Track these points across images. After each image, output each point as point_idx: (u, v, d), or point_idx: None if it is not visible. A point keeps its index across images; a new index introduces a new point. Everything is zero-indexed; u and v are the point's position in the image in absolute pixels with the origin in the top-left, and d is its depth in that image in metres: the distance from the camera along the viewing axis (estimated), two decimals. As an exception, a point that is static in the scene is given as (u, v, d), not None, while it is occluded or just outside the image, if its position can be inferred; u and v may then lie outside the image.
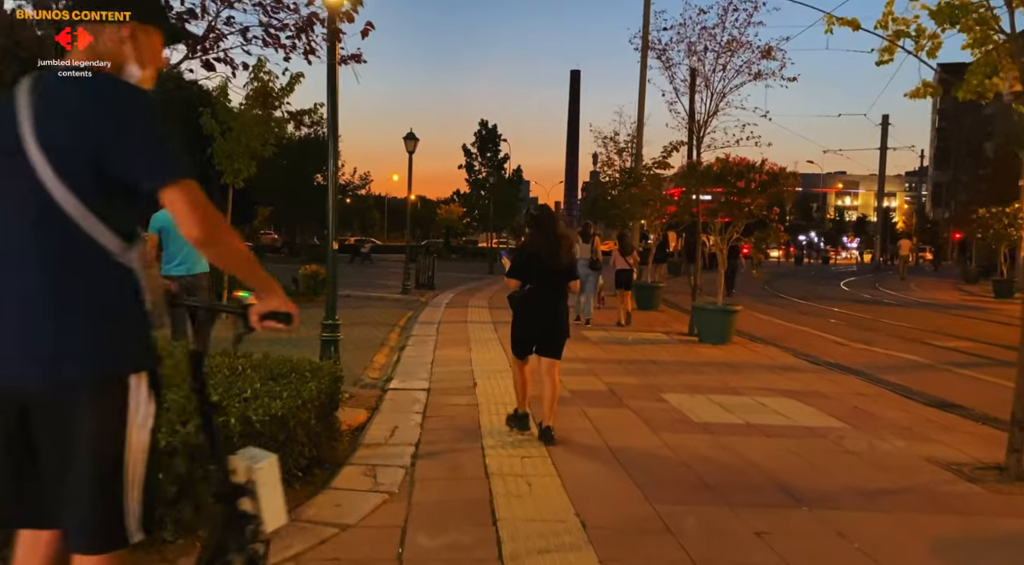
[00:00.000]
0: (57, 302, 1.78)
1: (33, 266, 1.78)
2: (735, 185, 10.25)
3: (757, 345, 11.11)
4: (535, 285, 5.49)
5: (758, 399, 7.21)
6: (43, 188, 1.76)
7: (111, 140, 1.78)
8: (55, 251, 1.79)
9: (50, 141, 1.77)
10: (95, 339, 1.80)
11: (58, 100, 1.82)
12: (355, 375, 7.96)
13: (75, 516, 1.83)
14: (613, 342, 11.01)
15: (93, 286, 1.82)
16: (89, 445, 1.80)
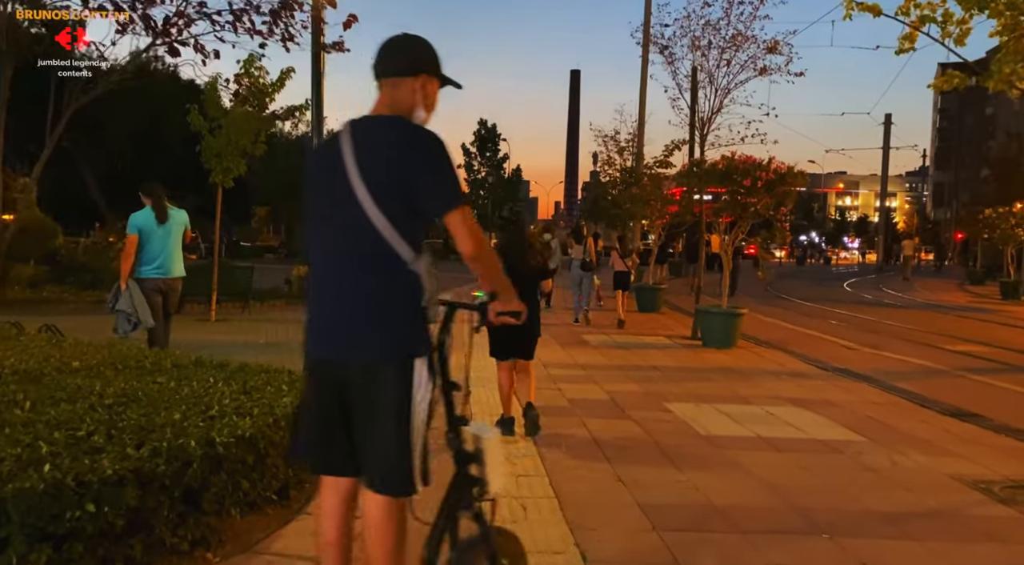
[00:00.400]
0: (369, 301, 2.27)
1: (356, 273, 2.28)
2: (741, 184, 9.88)
3: (763, 349, 10.74)
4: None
5: (767, 409, 6.84)
6: (363, 211, 2.23)
7: (415, 174, 2.26)
8: (371, 261, 2.26)
9: (369, 175, 2.24)
10: (397, 330, 2.29)
11: (373, 142, 2.29)
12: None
13: (377, 466, 2.30)
14: (613, 346, 10.65)
15: (394, 288, 2.28)
16: (389, 411, 2.27)
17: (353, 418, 2.32)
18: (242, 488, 3.53)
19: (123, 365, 4.86)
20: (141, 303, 6.60)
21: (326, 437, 2.38)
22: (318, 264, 2.38)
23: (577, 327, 12.93)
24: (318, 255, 2.38)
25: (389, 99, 2.39)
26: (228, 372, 4.82)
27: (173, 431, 3.37)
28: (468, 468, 2.54)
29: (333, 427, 2.36)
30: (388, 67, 2.41)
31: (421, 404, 2.36)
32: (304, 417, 2.48)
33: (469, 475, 2.53)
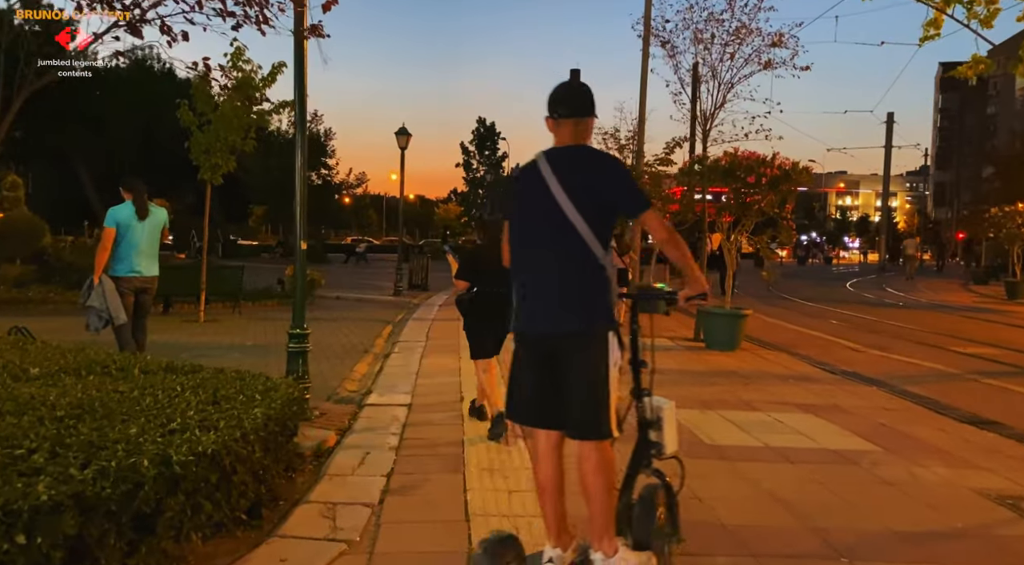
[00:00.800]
0: (580, 287, 2.84)
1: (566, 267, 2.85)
2: (744, 181, 9.55)
3: (768, 352, 10.41)
4: (483, 288, 5.57)
5: (775, 416, 6.51)
6: (569, 221, 2.81)
7: (615, 188, 2.89)
8: (577, 258, 2.83)
9: (573, 192, 2.82)
10: (598, 310, 2.84)
11: (574, 166, 2.88)
12: (331, 388, 7.27)
13: (585, 417, 2.82)
14: (614, 349, 10.32)
15: (595, 278, 2.85)
16: (592, 371, 2.81)
17: (561, 379, 2.87)
18: (204, 510, 3.20)
19: (87, 371, 4.52)
20: (114, 299, 6.27)
21: (539, 396, 2.93)
22: (531, 262, 2.98)
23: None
24: (531, 255, 2.98)
25: (572, 134, 2.98)
26: (199, 379, 4.48)
27: (126, 448, 3.04)
28: (648, 433, 3.09)
29: (544, 387, 2.91)
30: (575, 109, 3.00)
31: (612, 368, 2.87)
32: (518, 381, 3.01)
33: (649, 439, 3.08)
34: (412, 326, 12.31)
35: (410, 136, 17.71)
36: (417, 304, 16.33)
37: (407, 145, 17.73)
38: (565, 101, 2.99)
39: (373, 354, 9.53)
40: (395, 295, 17.77)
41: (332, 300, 16.97)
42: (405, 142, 17.63)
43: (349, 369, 8.37)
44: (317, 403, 6.42)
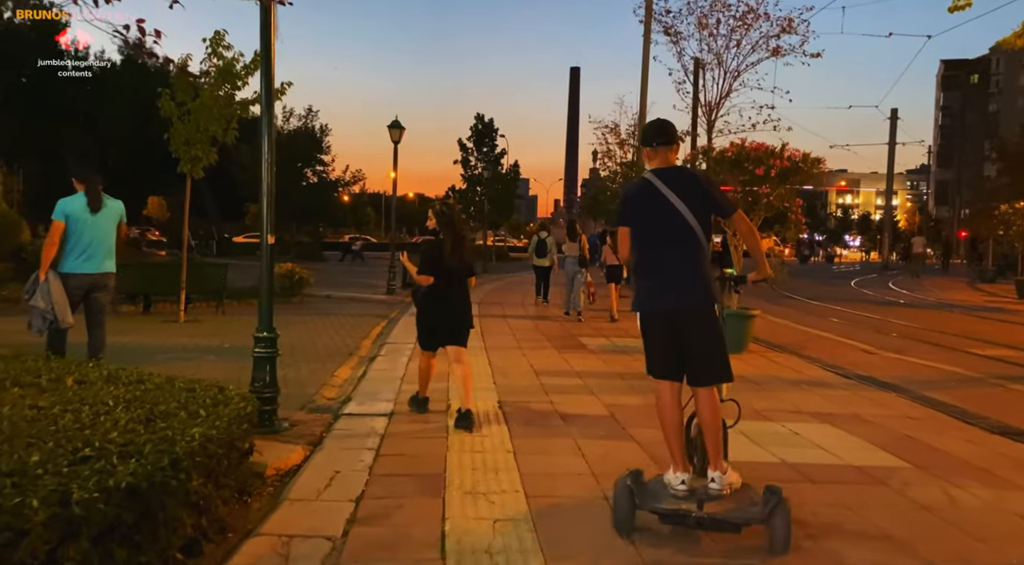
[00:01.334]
0: (696, 274, 3.69)
1: (686, 257, 3.71)
2: (752, 173, 8.99)
3: (777, 354, 9.85)
4: (440, 281, 5.69)
5: (790, 426, 5.95)
6: (688, 224, 3.68)
7: (712, 196, 3.80)
8: (693, 251, 3.70)
9: (687, 202, 3.69)
10: (711, 289, 3.72)
11: (681, 183, 3.75)
12: (307, 395, 6.71)
13: (711, 368, 3.75)
14: (613, 351, 9.76)
15: (706, 266, 3.73)
16: (714, 334, 3.75)
17: (686, 342, 3.73)
18: (117, 558, 2.64)
19: (12, 382, 3.96)
20: (60, 299, 5.70)
21: (669, 357, 3.80)
22: (659, 255, 3.76)
23: (574, 329, 12.05)
24: (658, 251, 3.76)
25: (666, 159, 3.86)
26: (140, 391, 3.92)
27: (17, 483, 2.48)
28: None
29: (672, 350, 3.78)
30: (666, 140, 3.87)
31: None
32: (656, 347, 3.85)
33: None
34: (402, 326, 11.75)
35: (403, 129, 17.14)
36: (409, 303, 15.72)
37: (400, 139, 17.17)
38: (661, 133, 3.90)
39: (358, 357, 8.98)
40: (388, 294, 17.20)
41: (322, 299, 16.42)
42: (398, 136, 17.06)
43: (330, 374, 7.82)
44: (289, 413, 5.86)
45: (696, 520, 3.49)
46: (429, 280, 5.69)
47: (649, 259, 3.79)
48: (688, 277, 3.68)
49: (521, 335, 11.15)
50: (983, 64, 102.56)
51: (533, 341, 10.60)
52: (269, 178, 5.51)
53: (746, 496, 3.63)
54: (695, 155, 10.20)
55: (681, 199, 3.68)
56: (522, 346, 9.93)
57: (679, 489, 3.64)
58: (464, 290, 5.93)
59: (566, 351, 9.56)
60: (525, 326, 12.34)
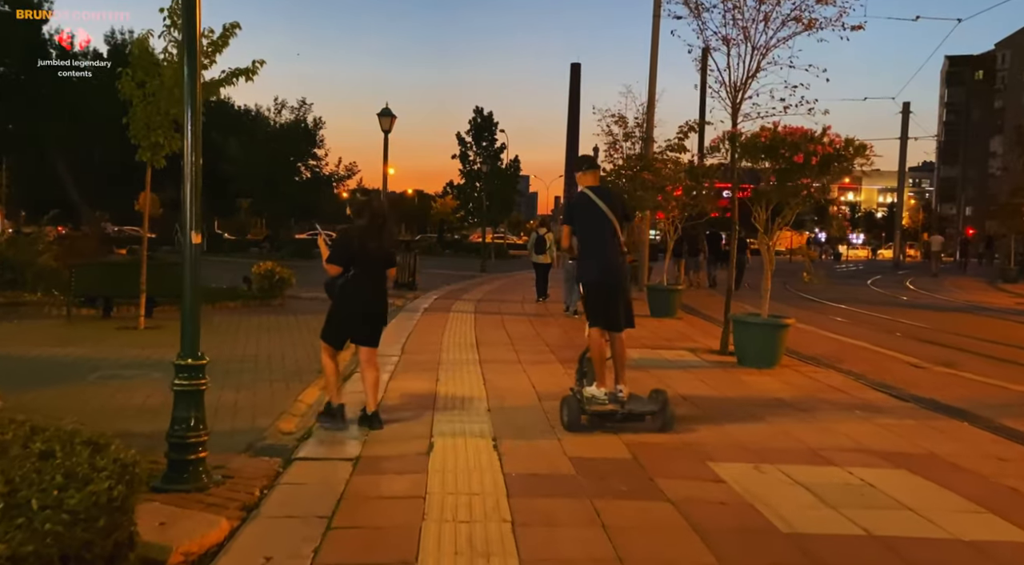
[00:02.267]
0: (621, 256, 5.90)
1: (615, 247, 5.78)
2: (790, 161, 7.75)
3: (812, 369, 8.61)
4: (358, 272, 5.38)
5: (859, 474, 4.72)
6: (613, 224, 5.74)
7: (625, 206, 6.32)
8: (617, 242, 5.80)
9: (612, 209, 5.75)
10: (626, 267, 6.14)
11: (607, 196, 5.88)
12: (259, 429, 5.48)
13: (626, 320, 5.80)
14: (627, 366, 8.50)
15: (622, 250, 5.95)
16: (627, 296, 5.85)
17: (612, 303, 5.68)
18: None
19: None
20: None
21: (602, 313, 5.70)
22: (601, 244, 5.74)
23: (577, 334, 10.80)
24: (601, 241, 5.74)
25: (595, 177, 6.10)
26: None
27: None
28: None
29: (604, 308, 5.69)
30: (591, 165, 6.22)
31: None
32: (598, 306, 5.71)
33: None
34: (386, 335, 10.48)
35: (394, 118, 15.88)
36: (399, 307, 14.50)
37: (391, 128, 15.90)
38: (587, 162, 6.35)
39: (331, 374, 7.74)
40: (377, 296, 15.96)
41: (305, 301, 15.14)
42: (389, 124, 15.80)
43: (294, 397, 6.60)
44: (227, 457, 4.64)
45: (621, 415, 5.49)
46: (335, 270, 5.39)
47: (590, 249, 5.82)
48: (616, 260, 5.79)
49: (521, 344, 9.92)
50: (988, 60, 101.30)
51: (534, 351, 9.37)
52: (194, 157, 4.26)
53: (642, 399, 5.74)
54: (718, 142, 8.91)
55: (608, 208, 5.72)
56: (522, 358, 8.70)
57: (604, 398, 5.55)
58: (381, 284, 5.58)
59: (572, 364, 8.30)
60: (525, 332, 11.10)
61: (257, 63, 10.42)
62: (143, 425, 5.39)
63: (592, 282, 5.75)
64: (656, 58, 17.54)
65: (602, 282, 5.71)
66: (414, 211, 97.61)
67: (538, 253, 15.36)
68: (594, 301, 5.74)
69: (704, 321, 13.12)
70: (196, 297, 4.30)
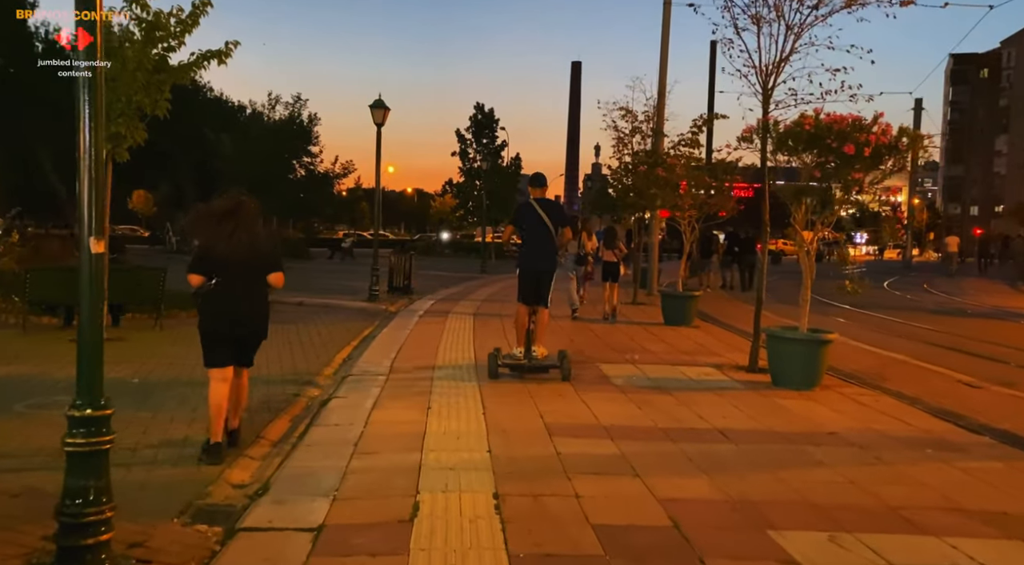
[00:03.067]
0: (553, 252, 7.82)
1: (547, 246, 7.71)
2: (839, 152, 6.70)
3: (857, 390, 7.55)
4: (222, 281, 4.88)
5: (964, 547, 3.68)
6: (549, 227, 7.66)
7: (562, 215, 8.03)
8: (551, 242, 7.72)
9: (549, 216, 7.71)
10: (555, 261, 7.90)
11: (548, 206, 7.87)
12: (203, 481, 4.41)
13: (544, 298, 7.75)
14: (647, 385, 7.45)
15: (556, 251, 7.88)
16: (550, 281, 7.76)
17: (538, 285, 7.61)
18: None
19: None
20: None
21: (529, 293, 7.64)
22: (535, 241, 7.67)
23: (588, 347, 9.75)
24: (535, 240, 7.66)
25: (542, 193, 7.97)
26: None
27: None
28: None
29: (531, 290, 7.63)
30: (542, 184, 8.04)
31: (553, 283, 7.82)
32: (525, 288, 7.65)
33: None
34: (377, 346, 9.46)
35: (387, 110, 14.80)
36: (394, 312, 13.46)
37: (384, 121, 14.82)
38: (541, 181, 8.03)
39: (305, 400, 6.68)
40: (369, 301, 14.86)
41: (291, 307, 14.09)
42: (382, 117, 14.72)
43: (256, 433, 5.52)
44: (149, 529, 3.59)
45: (528, 367, 7.63)
46: (197, 280, 4.94)
47: (527, 244, 7.85)
48: (549, 254, 7.71)
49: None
50: (993, 58, 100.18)
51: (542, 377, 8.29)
52: (92, 139, 3.19)
53: (551, 356, 7.74)
54: (751, 132, 7.83)
55: (546, 215, 7.66)
56: (527, 379, 7.63)
57: (519, 355, 7.69)
58: (255, 294, 5.05)
59: (585, 387, 7.25)
60: (530, 345, 10.03)
61: (231, 44, 9.35)
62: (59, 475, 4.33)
63: (521, 268, 7.82)
64: (667, 45, 16.50)
65: (527, 268, 7.72)
66: (414, 210, 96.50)
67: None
68: (520, 282, 7.78)
69: (724, 330, 12.05)
70: (97, 322, 3.23)
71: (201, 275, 4.93)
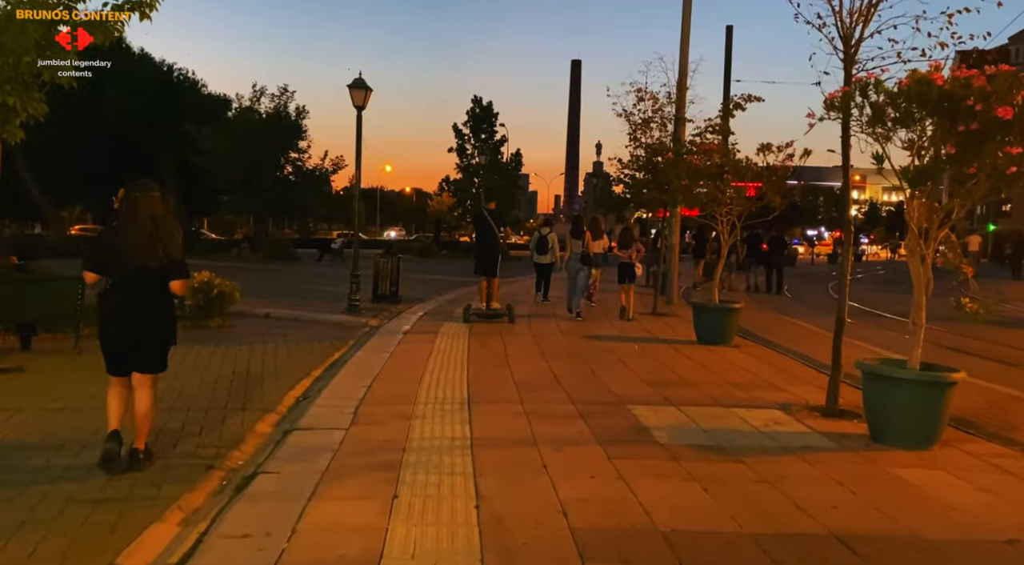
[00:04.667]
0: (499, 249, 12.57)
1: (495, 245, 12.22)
2: (987, 117, 4.67)
3: (990, 448, 5.52)
4: (117, 282, 4.58)
5: None
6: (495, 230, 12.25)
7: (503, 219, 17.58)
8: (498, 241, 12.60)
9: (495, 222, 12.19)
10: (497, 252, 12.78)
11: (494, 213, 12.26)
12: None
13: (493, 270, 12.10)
14: (704, 447, 5.40)
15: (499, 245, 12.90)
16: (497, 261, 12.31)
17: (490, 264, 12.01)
18: None
19: None
20: None
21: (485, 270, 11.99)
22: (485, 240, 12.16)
23: (611, 379, 7.71)
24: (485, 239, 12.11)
25: (493, 206, 12.83)
26: None
27: None
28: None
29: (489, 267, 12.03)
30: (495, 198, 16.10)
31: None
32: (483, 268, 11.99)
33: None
34: (344, 379, 7.41)
35: (369, 90, 12.73)
36: (375, 327, 11.41)
37: (365, 103, 12.74)
38: (494, 196, 19.42)
39: (219, 476, 4.62)
40: (348, 313, 12.79)
41: (257, 319, 12.08)
42: (362, 99, 12.63)
43: (128, 541, 3.48)
44: None
45: (487, 314, 11.74)
46: (92, 278, 4.66)
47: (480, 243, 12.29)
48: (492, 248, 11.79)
49: (530, 392, 6.84)
50: (1000, 54, 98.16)
51: (552, 411, 6.25)
52: None
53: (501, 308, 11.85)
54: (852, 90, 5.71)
55: (493, 221, 11.84)
56: (538, 433, 5.59)
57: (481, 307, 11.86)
58: (151, 299, 4.64)
59: (620, 448, 5.21)
60: (535, 373, 7.99)
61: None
62: None
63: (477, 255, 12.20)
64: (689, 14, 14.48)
65: (480, 254, 12.01)
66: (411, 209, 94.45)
67: (540, 253, 14.81)
68: (478, 264, 11.96)
69: (771, 351, 10.00)
70: None
71: (93, 272, 4.66)
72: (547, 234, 14.84)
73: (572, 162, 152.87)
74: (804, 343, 10.72)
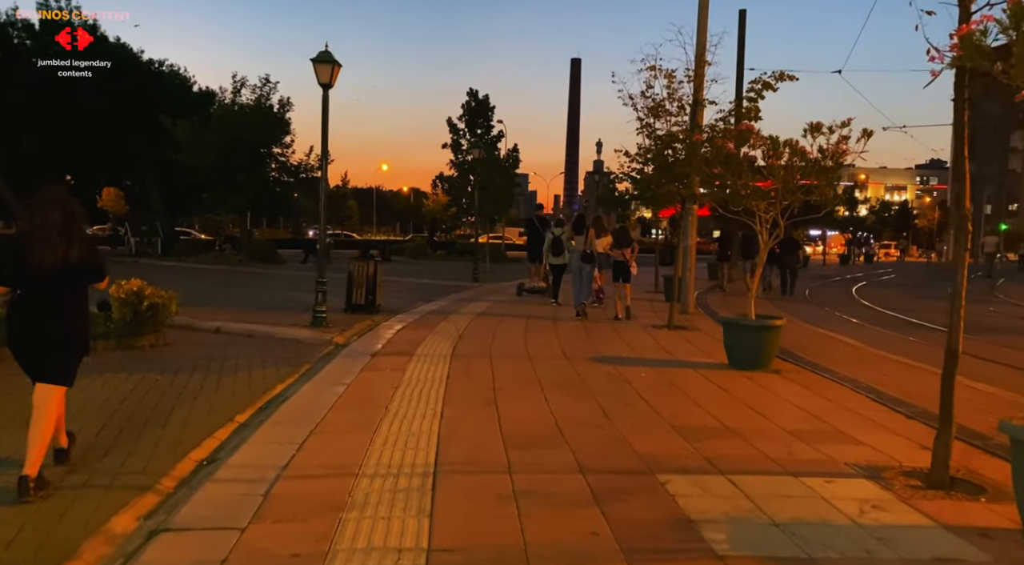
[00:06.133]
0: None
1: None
2: None
3: None
4: (24, 290, 4.25)
5: None
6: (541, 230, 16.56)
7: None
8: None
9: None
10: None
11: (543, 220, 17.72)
12: None
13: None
14: (782, 559, 3.57)
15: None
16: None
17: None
18: None
19: None
20: None
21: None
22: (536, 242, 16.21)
23: (646, 442, 5.87)
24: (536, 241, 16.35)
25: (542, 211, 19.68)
26: None
27: None
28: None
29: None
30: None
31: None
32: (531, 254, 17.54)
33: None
34: (276, 427, 5.55)
35: (337, 66, 10.86)
36: (340, 346, 9.55)
37: (332, 81, 10.84)
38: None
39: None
40: (312, 326, 10.89)
41: (205, 335, 10.22)
42: (328, 75, 10.72)
43: None
44: None
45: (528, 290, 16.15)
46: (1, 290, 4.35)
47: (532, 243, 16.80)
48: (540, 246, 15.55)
49: (523, 454, 5.00)
50: (1007, 51, 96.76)
51: (553, 489, 4.42)
52: None
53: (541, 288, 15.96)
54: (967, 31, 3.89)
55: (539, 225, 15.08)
56: (528, 517, 3.74)
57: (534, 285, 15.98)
58: (63, 305, 4.28)
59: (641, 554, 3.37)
60: (531, 419, 6.15)
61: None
62: None
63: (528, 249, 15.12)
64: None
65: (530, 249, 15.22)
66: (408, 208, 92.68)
67: (555, 255, 14.72)
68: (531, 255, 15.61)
69: (818, 376, 8.13)
70: None
71: (5, 286, 4.31)
72: (560, 235, 14.70)
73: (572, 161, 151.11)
74: (855, 366, 8.89)
